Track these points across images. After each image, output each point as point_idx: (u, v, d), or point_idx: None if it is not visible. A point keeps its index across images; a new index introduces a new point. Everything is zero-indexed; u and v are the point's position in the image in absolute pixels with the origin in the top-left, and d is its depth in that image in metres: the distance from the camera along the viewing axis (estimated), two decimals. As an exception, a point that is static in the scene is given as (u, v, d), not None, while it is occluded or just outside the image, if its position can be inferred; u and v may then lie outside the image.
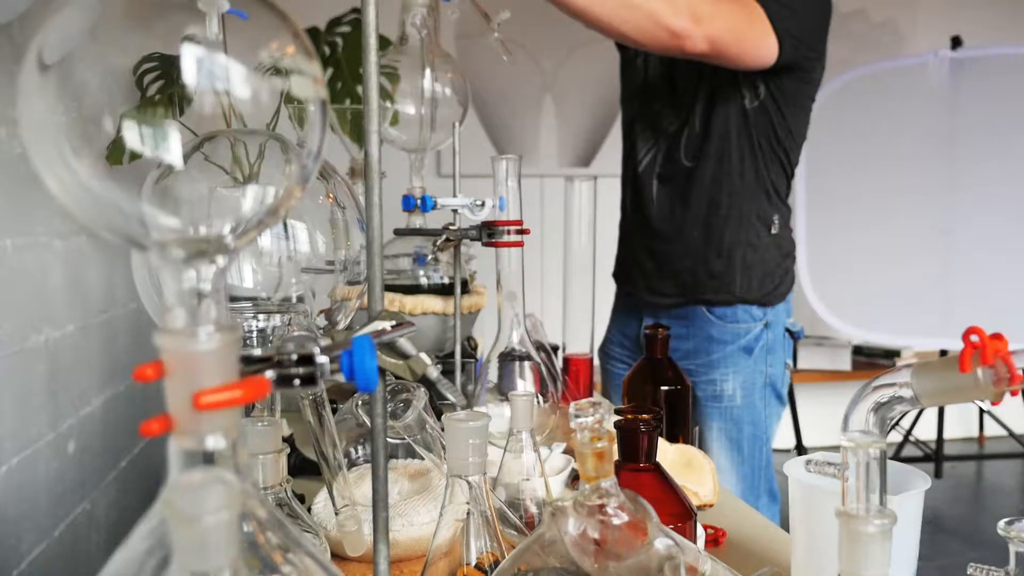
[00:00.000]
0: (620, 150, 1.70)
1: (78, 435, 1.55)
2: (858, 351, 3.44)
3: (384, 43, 1.45)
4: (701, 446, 1.58)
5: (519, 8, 1.18)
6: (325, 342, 0.33)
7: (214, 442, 0.28)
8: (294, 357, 0.31)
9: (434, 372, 0.42)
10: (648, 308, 1.61)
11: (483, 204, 1.05)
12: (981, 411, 3.75)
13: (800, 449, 3.24)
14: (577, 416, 0.42)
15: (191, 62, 0.25)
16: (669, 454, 1.01)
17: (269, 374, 0.30)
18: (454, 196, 1.02)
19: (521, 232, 0.96)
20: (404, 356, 0.42)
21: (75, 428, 1.53)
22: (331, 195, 0.64)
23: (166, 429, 0.28)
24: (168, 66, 0.32)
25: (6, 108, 1.28)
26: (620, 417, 0.67)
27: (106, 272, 1.74)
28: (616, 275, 1.72)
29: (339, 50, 1.70)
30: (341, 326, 0.63)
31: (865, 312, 2.83)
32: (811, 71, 1.48)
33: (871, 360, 3.42)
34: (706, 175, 1.49)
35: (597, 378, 1.69)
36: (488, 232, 0.95)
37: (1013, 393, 0.41)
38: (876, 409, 0.46)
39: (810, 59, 1.45)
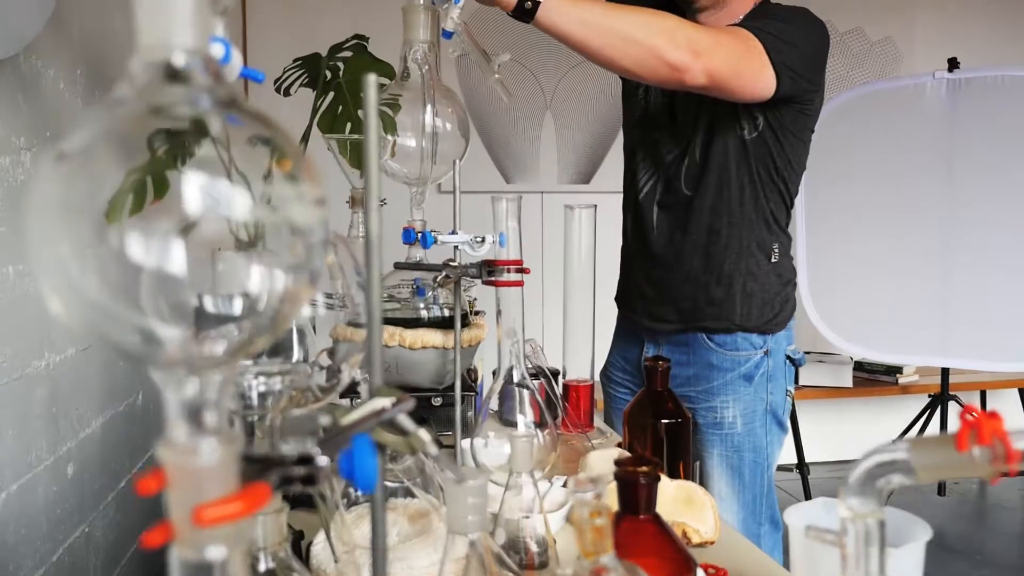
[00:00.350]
0: (621, 167, 1.71)
1: (77, 458, 1.55)
2: (859, 367, 3.44)
3: (387, 72, 1.45)
4: (702, 473, 1.58)
5: (520, 25, 1.18)
6: (325, 423, 0.34)
7: (215, 553, 0.28)
8: (294, 458, 0.31)
9: (434, 449, 0.42)
10: (648, 334, 1.61)
11: (483, 240, 1.05)
12: (981, 427, 3.74)
13: (802, 467, 3.24)
14: (576, 492, 0.42)
15: (194, 189, 0.26)
16: (669, 490, 1.01)
17: (270, 477, 0.30)
18: (454, 232, 1.02)
19: (521, 271, 0.96)
20: (403, 433, 0.42)
21: (74, 451, 1.53)
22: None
23: (167, 539, 0.28)
24: (178, 137, 0.33)
25: (9, 136, 1.29)
26: (620, 468, 0.67)
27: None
28: (618, 299, 1.72)
29: (340, 74, 1.71)
30: (343, 381, 0.63)
31: (865, 330, 2.83)
32: (809, 103, 1.49)
33: (872, 376, 3.42)
34: (705, 204, 1.50)
35: (598, 394, 1.69)
36: (488, 270, 0.96)
37: (1011, 473, 0.41)
38: (874, 480, 0.46)
39: (808, 91, 1.46)
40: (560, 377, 1.58)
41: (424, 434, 0.42)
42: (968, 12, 3.67)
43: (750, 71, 1.34)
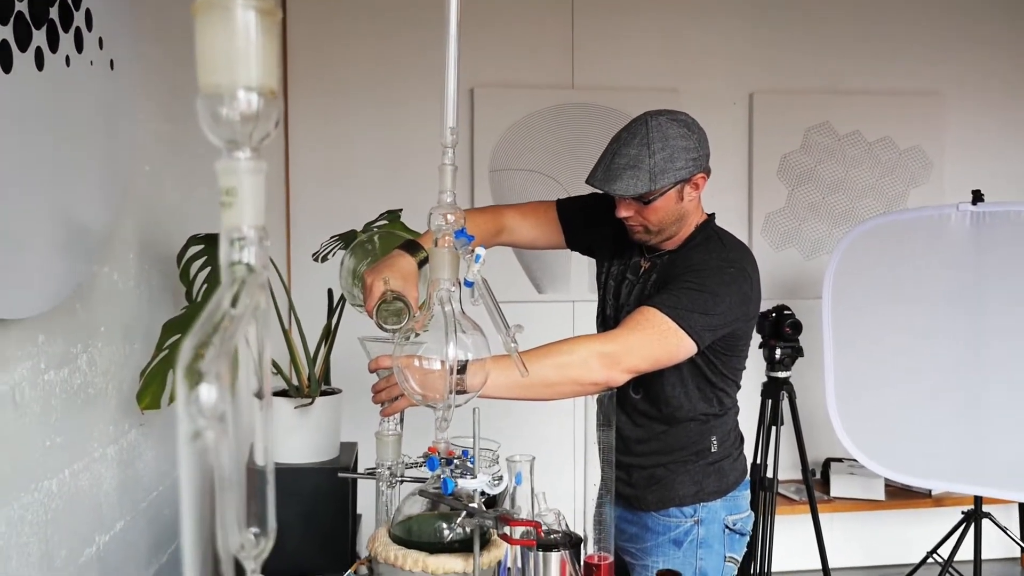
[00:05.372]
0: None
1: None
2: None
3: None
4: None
5: (548, 138, 1.27)
6: None
7: None
8: None
9: None
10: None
11: (501, 479, 1.13)
12: None
13: (826, 572, 3.21)
14: None
15: None
16: None
17: None
18: (474, 477, 1.10)
19: (536, 528, 1.03)
20: None
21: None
22: None
23: None
24: (212, 245, 0.42)
25: (69, 347, 1.40)
26: None
27: (155, 455, 1.84)
28: None
29: (376, 242, 1.83)
30: None
31: (893, 451, 2.84)
32: (739, 329, 1.64)
33: (906, 487, 3.41)
34: (650, 409, 1.71)
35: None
36: (503, 524, 1.03)
37: None
38: None
39: (735, 327, 1.62)
40: (583, 547, 1.64)
41: None
42: (997, 114, 3.70)
43: (666, 353, 1.53)
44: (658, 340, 1.49)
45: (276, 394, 1.78)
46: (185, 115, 1.92)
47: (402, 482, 1.47)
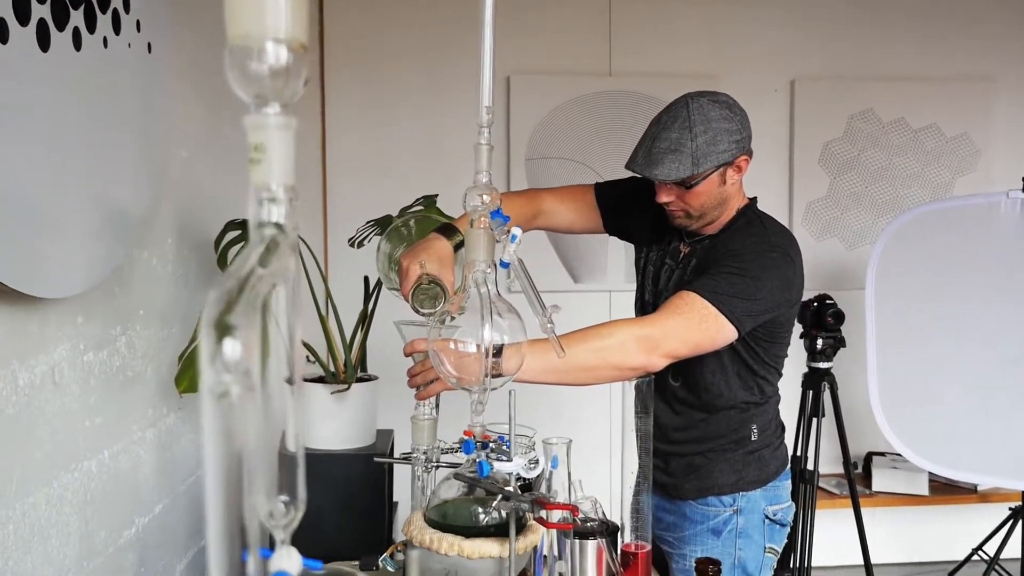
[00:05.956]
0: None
1: (162, 606, 1.65)
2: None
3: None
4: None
5: (584, 125, 1.24)
6: None
7: None
8: None
9: None
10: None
11: (536, 463, 1.11)
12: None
13: (868, 568, 3.14)
14: None
15: None
16: None
17: None
18: (509, 460, 1.08)
19: (573, 512, 1.01)
20: None
21: (159, 602, 1.63)
22: None
23: None
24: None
25: (107, 329, 1.41)
26: None
27: (193, 439, 1.85)
28: None
29: (411, 226, 1.82)
30: None
31: (938, 445, 2.77)
32: (781, 315, 1.61)
33: (951, 482, 3.32)
34: (689, 397, 1.68)
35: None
36: (539, 508, 1.01)
37: None
38: None
39: (776, 313, 1.58)
40: (620, 536, 1.62)
41: None
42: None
43: (707, 338, 1.49)
44: (697, 325, 1.46)
45: (312, 380, 1.78)
46: (221, 102, 1.93)
47: (437, 467, 1.46)
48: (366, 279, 1.98)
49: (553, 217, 1.80)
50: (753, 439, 1.67)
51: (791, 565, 2.87)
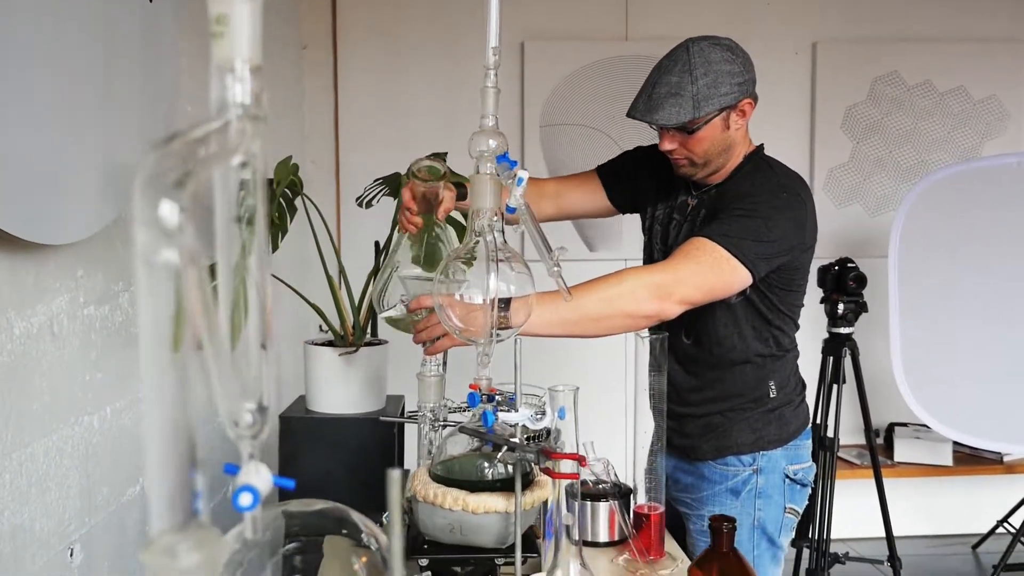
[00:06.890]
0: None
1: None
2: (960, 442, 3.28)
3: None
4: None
5: (600, 91, 1.19)
6: None
7: None
8: None
9: None
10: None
11: (543, 415, 1.07)
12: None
13: (890, 540, 3.08)
14: None
15: None
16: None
17: None
18: (516, 410, 1.05)
19: (579, 462, 0.97)
20: None
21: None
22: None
23: None
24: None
25: (109, 284, 1.39)
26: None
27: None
28: None
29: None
30: None
31: (964, 414, 2.71)
32: (795, 259, 1.55)
33: (975, 452, 3.26)
34: (702, 354, 1.63)
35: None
36: (545, 459, 0.97)
37: None
38: None
39: (791, 256, 1.53)
40: (633, 498, 1.58)
41: None
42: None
43: (721, 282, 1.44)
44: (710, 268, 1.41)
45: (322, 344, 1.75)
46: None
47: (444, 426, 1.43)
48: (376, 243, 1.94)
49: (561, 199, 1.78)
50: (772, 396, 1.62)
51: (809, 535, 2.82)
